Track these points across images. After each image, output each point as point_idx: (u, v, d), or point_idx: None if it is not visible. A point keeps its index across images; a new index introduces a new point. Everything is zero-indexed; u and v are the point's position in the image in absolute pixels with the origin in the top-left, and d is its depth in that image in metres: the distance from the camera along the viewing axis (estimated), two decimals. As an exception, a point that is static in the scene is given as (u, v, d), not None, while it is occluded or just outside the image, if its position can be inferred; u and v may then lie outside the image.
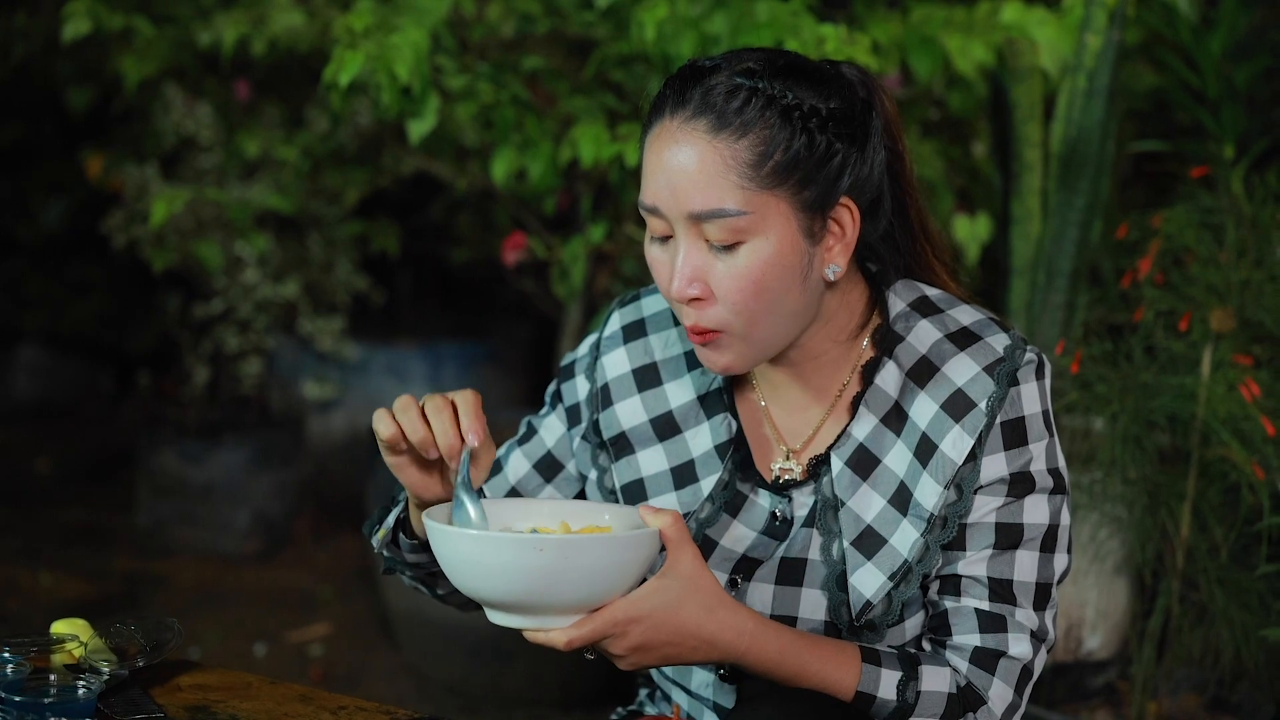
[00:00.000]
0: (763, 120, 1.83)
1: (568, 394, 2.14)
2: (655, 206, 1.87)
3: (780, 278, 1.85)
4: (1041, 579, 1.93)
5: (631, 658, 1.81)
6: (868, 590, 1.91)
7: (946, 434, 1.90)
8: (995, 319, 1.97)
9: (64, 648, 1.97)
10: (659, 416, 2.06)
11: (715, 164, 1.82)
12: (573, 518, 1.91)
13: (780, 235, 1.84)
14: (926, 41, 3.52)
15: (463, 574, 1.76)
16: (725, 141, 1.82)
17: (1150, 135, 4.02)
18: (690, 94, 1.85)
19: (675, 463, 2.03)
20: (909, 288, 2.01)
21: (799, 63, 1.89)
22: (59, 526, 5.44)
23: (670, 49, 3.30)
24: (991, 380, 1.90)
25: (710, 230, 1.84)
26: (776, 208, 1.84)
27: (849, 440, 1.95)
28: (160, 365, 6.41)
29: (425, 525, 1.81)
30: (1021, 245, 3.58)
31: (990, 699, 1.90)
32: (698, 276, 1.86)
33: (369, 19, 3.30)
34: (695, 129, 1.83)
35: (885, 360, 1.96)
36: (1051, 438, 1.94)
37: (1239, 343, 3.16)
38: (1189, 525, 3.19)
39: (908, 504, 1.91)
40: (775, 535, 1.98)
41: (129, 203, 5.07)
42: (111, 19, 4.31)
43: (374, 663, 4.40)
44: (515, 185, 3.76)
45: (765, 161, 1.82)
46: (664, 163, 1.86)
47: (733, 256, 1.85)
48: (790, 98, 1.84)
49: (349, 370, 5.66)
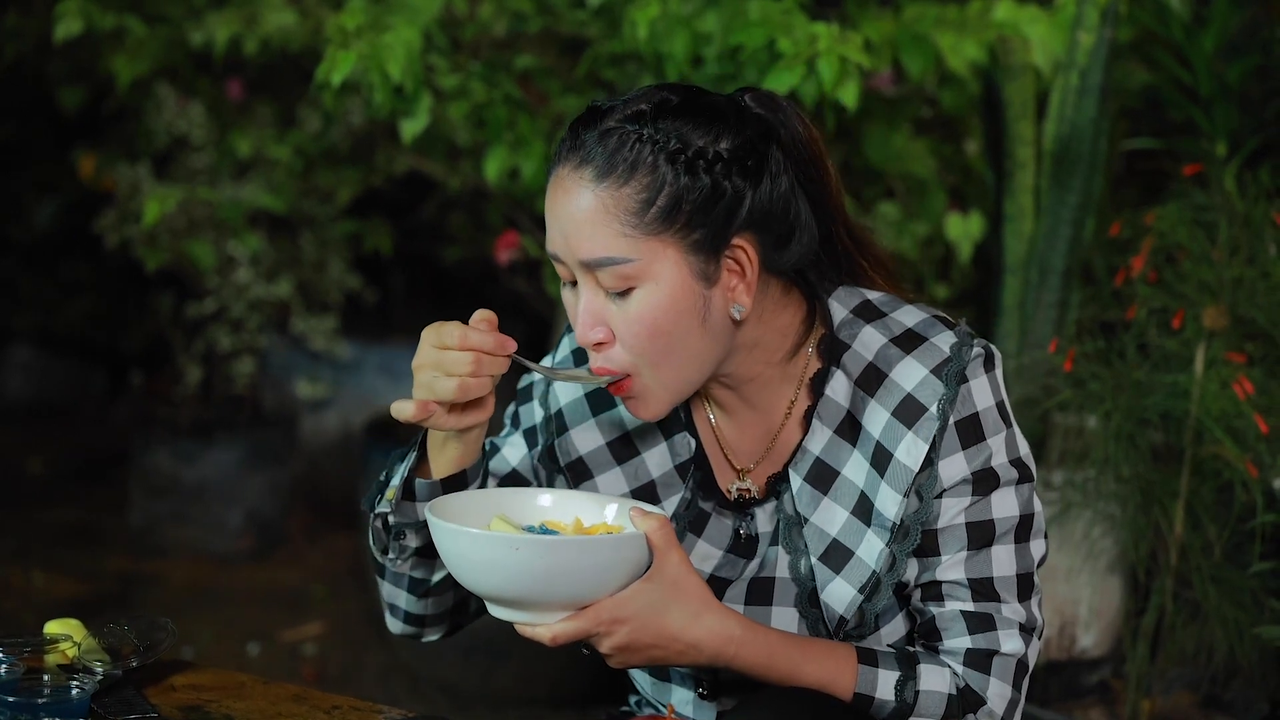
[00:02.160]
0: (645, 165, 1.82)
1: (525, 417, 2.15)
2: (555, 254, 1.88)
3: (676, 321, 1.85)
4: (1021, 570, 1.93)
5: (619, 656, 1.82)
6: (839, 606, 1.91)
7: (900, 441, 1.89)
8: (940, 316, 1.95)
9: (57, 648, 1.97)
10: (615, 439, 2.05)
11: (599, 212, 1.82)
12: (588, 514, 1.94)
13: (671, 280, 1.84)
14: (919, 39, 3.52)
15: (457, 568, 1.81)
16: (609, 189, 1.82)
17: (1143, 133, 4.02)
18: (583, 139, 1.85)
19: (635, 484, 2.03)
20: (850, 293, 1.99)
21: (695, 102, 1.87)
22: (52, 526, 5.43)
23: (662, 47, 3.30)
24: (940, 382, 1.89)
25: (602, 277, 1.84)
26: (664, 253, 1.83)
27: (805, 455, 1.94)
28: (153, 365, 6.40)
29: (428, 520, 1.82)
30: (1014, 243, 3.58)
31: (990, 698, 1.90)
32: (598, 321, 1.87)
33: (361, 18, 3.30)
34: (582, 177, 1.83)
35: (834, 370, 1.94)
36: (1009, 428, 1.92)
37: (1232, 340, 3.16)
38: (1182, 523, 3.19)
39: (870, 514, 1.91)
40: (741, 553, 1.98)
41: (121, 202, 5.06)
42: (103, 18, 4.30)
43: (367, 662, 4.40)
44: (508, 184, 3.76)
45: (649, 207, 1.81)
46: (556, 211, 1.86)
47: (626, 302, 1.85)
48: (673, 142, 1.82)
49: (342, 369, 5.65)
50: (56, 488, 5.94)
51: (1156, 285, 3.25)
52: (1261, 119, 3.72)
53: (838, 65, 3.16)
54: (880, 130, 3.78)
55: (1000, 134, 3.59)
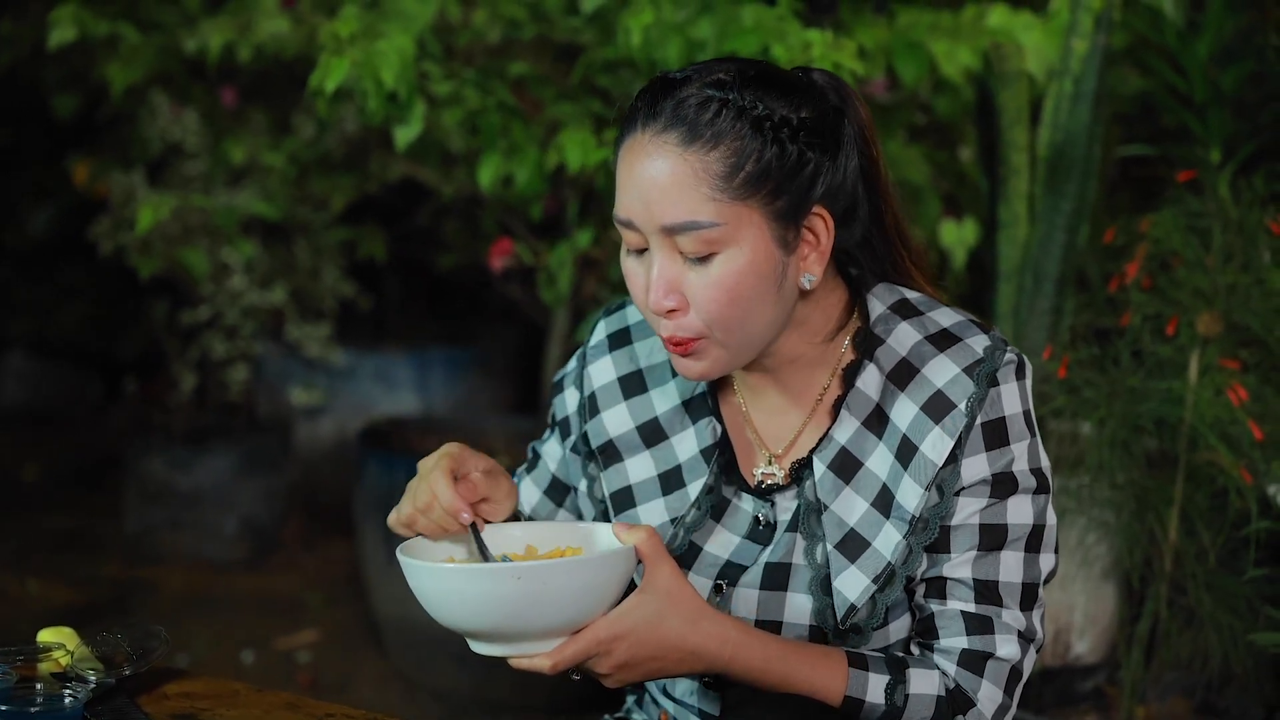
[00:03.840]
0: (733, 131, 1.82)
1: (558, 408, 2.16)
2: (629, 220, 1.87)
3: (755, 287, 1.85)
4: (1028, 579, 1.93)
5: (618, 675, 1.81)
6: (851, 594, 1.91)
7: (927, 435, 1.89)
8: (975, 321, 1.97)
9: (50, 656, 1.96)
10: (645, 423, 2.06)
11: (687, 176, 1.82)
12: (541, 542, 1.93)
13: (754, 245, 1.84)
14: (913, 46, 3.52)
15: (442, 608, 1.77)
16: (696, 154, 1.82)
17: (1137, 139, 4.02)
18: (661, 106, 1.85)
19: (663, 469, 2.04)
20: (889, 290, 2.01)
21: (770, 72, 1.89)
22: (46, 533, 5.43)
23: (656, 54, 3.30)
24: (971, 381, 1.90)
25: (684, 242, 1.84)
26: (749, 218, 1.83)
27: (831, 444, 1.95)
28: (147, 371, 6.41)
29: (400, 561, 1.81)
30: (1008, 249, 3.58)
31: (979, 700, 1.90)
32: (673, 288, 1.86)
33: (355, 25, 3.30)
34: (666, 142, 1.83)
35: (866, 363, 1.96)
36: (1033, 438, 1.93)
37: (1226, 347, 3.16)
38: (1177, 530, 3.20)
39: (890, 506, 1.91)
40: (758, 540, 1.98)
41: (115, 209, 5.07)
42: (97, 25, 4.31)
43: (362, 669, 4.40)
44: (502, 191, 3.76)
45: (737, 173, 1.82)
46: (636, 176, 1.85)
47: (707, 267, 1.84)
48: (760, 108, 1.83)
49: (336, 376, 5.66)
50: (51, 494, 5.94)
51: (1151, 291, 3.25)
52: (1256, 125, 3.72)
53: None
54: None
55: (994, 140, 3.59)
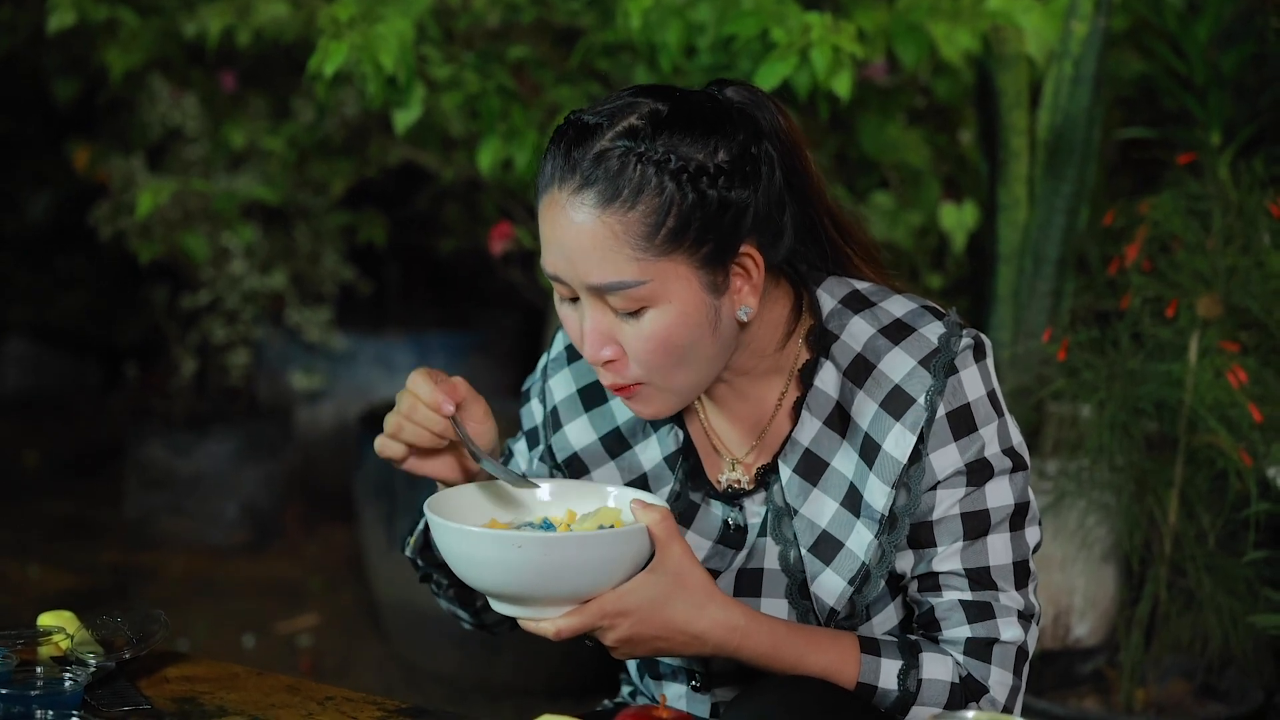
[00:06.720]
0: (651, 187, 1.78)
1: (526, 419, 2.15)
2: (556, 275, 1.84)
3: (689, 335, 1.83)
4: (1017, 558, 1.92)
5: (623, 649, 1.82)
6: (830, 598, 1.91)
7: (888, 433, 1.88)
8: (929, 305, 1.94)
9: (50, 640, 1.97)
10: (608, 434, 2.05)
11: (608, 239, 1.78)
12: (585, 504, 1.94)
13: (683, 297, 1.81)
14: (912, 29, 3.51)
15: (458, 565, 1.81)
16: (615, 215, 1.78)
17: (1137, 122, 4.02)
18: (575, 161, 1.80)
19: (628, 478, 2.02)
20: (839, 283, 1.97)
21: (684, 109, 1.83)
22: (47, 519, 5.44)
23: (656, 37, 3.30)
24: (928, 373, 1.87)
25: (612, 300, 1.81)
26: (675, 272, 1.80)
27: (795, 447, 1.93)
28: (147, 357, 6.40)
29: (427, 517, 1.83)
30: (1008, 233, 3.58)
31: (992, 686, 1.89)
32: (608, 340, 1.85)
33: (354, 9, 3.29)
34: (584, 202, 1.79)
35: (822, 361, 1.93)
36: (1001, 418, 1.91)
37: (1226, 329, 3.16)
38: (1176, 512, 3.20)
39: (859, 505, 1.90)
40: (731, 544, 1.97)
41: (115, 194, 5.07)
42: (96, 10, 4.30)
43: (362, 653, 4.40)
44: (501, 175, 3.76)
45: (658, 230, 1.78)
46: (559, 235, 1.82)
47: (639, 321, 1.82)
48: (674, 160, 1.78)
49: (337, 361, 5.66)
50: (51, 480, 5.94)
51: (1150, 274, 3.25)
52: (1256, 107, 3.72)
53: (831, 55, 3.15)
54: (874, 120, 3.78)
55: (994, 123, 3.59)
